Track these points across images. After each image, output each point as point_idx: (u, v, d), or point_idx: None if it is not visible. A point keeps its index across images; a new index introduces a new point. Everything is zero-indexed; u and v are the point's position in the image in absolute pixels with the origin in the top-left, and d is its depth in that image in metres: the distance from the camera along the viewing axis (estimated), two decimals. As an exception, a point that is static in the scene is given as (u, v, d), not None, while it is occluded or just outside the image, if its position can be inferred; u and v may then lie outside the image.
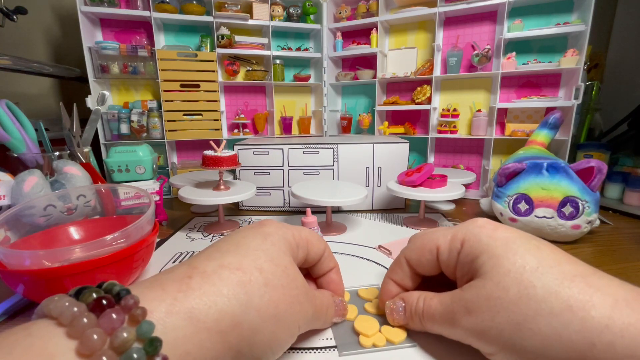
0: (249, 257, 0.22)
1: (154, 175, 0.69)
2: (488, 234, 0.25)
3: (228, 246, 0.23)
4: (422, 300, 0.27)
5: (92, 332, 0.15)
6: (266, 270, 0.22)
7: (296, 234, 0.27)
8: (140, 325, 0.16)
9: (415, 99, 0.90)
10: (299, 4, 0.95)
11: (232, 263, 0.21)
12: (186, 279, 0.20)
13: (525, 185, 0.52)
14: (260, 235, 0.25)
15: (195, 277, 0.20)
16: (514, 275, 0.22)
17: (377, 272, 0.42)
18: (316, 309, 0.26)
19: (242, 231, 0.26)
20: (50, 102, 1.01)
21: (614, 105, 0.90)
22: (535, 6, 0.78)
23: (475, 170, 0.89)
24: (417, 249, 0.29)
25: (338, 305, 0.29)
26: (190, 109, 0.87)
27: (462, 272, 0.26)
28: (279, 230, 0.26)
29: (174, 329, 0.17)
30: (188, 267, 0.21)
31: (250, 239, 0.24)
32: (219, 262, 0.21)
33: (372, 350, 0.27)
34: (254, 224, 0.27)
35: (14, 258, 0.32)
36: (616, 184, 0.73)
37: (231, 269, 0.21)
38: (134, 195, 0.47)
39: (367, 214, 0.68)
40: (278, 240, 0.25)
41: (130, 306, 0.17)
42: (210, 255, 0.22)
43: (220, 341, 0.19)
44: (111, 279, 0.34)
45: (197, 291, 0.19)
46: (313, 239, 0.28)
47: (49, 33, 0.98)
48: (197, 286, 0.19)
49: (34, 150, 0.56)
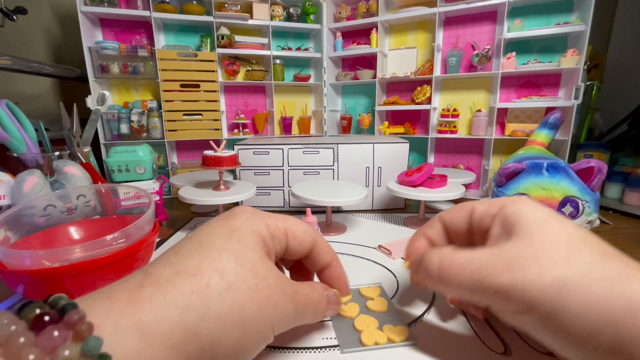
0: (209, 259, 0.20)
1: (154, 175, 0.69)
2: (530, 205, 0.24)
3: (190, 246, 0.22)
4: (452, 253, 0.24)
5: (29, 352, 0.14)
6: (228, 272, 0.20)
7: (272, 224, 0.24)
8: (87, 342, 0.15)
9: (415, 99, 0.90)
10: (299, 4, 0.95)
11: (190, 267, 0.20)
12: (137, 289, 0.18)
13: (525, 185, 0.52)
14: (226, 231, 0.22)
15: (147, 287, 0.18)
16: (562, 238, 0.21)
17: (377, 272, 0.42)
18: (298, 306, 0.23)
19: (209, 225, 0.23)
20: (50, 102, 1.01)
21: (614, 105, 0.90)
22: (535, 6, 0.78)
23: (475, 170, 0.89)
24: (452, 208, 0.29)
25: (331, 298, 0.27)
26: (190, 109, 0.87)
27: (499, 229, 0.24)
28: (249, 223, 0.23)
29: (124, 344, 0.16)
30: (143, 275, 0.19)
31: (213, 237, 0.22)
32: (176, 268, 0.20)
33: (374, 348, 0.27)
34: (224, 214, 0.24)
35: (14, 258, 0.32)
36: (616, 184, 0.73)
37: (187, 274, 0.19)
38: (134, 195, 0.47)
39: (367, 214, 0.68)
40: (246, 235, 0.22)
41: (74, 322, 0.15)
42: (169, 259, 0.21)
43: (176, 355, 0.18)
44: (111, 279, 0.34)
45: (147, 303, 0.18)
46: (295, 229, 0.25)
47: (49, 33, 0.98)
48: (147, 297, 0.18)
49: (34, 150, 0.56)
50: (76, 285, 0.32)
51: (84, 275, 0.32)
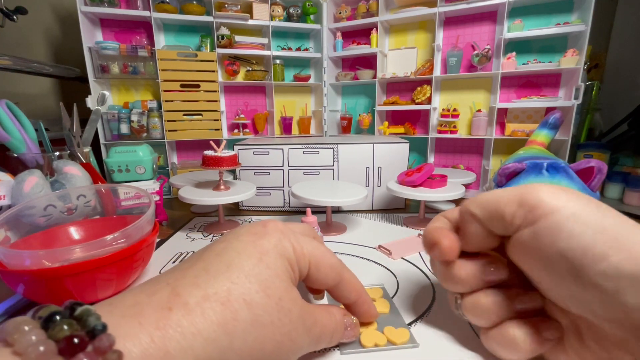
0: (238, 286, 0.20)
1: (154, 175, 0.69)
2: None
3: (219, 266, 0.21)
4: None
5: None
6: (256, 305, 0.20)
7: (297, 248, 0.23)
8: None
9: (415, 99, 0.90)
10: (299, 4, 0.95)
11: (219, 294, 0.19)
12: (166, 311, 0.18)
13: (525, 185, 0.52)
14: (256, 253, 0.22)
15: (175, 310, 0.18)
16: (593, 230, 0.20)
17: (377, 272, 0.42)
18: (314, 340, 0.23)
19: (239, 240, 0.23)
20: (50, 102, 1.01)
21: (614, 105, 0.90)
22: (535, 6, 0.78)
23: (475, 170, 0.89)
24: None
25: (348, 325, 0.27)
26: (190, 109, 0.87)
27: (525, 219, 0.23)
28: (279, 245, 0.23)
29: None
30: (171, 293, 0.19)
31: (244, 259, 0.21)
32: (204, 292, 0.19)
33: (374, 349, 0.27)
34: (256, 228, 0.24)
35: (14, 258, 0.32)
36: (616, 184, 0.73)
37: (217, 302, 0.19)
38: (134, 195, 0.47)
39: (367, 214, 0.68)
40: (275, 261, 0.22)
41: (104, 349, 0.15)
42: (197, 277, 0.20)
43: None
44: (111, 279, 0.35)
45: (175, 330, 0.17)
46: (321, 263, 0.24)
47: (49, 33, 0.98)
48: (175, 322, 0.17)
49: (34, 150, 0.56)
50: (76, 285, 0.32)
51: (84, 275, 0.32)
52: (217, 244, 0.23)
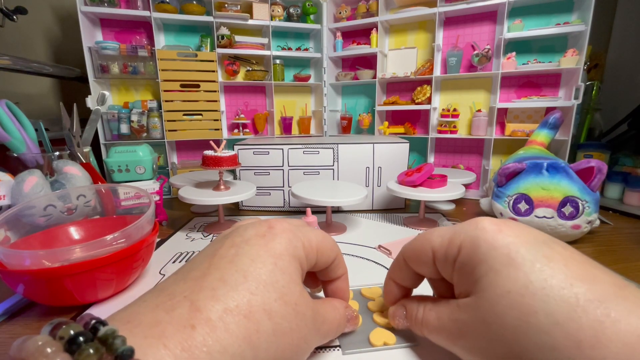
0: (258, 297, 0.19)
1: (154, 175, 0.69)
2: (489, 241, 0.21)
3: (235, 276, 0.20)
4: (421, 311, 0.26)
5: None
6: (275, 313, 0.20)
7: (307, 244, 0.24)
8: None
9: (415, 99, 0.90)
10: (299, 4, 0.95)
11: (240, 306, 0.19)
12: (189, 330, 0.17)
13: (525, 185, 0.52)
14: (270, 258, 0.21)
15: (199, 328, 0.17)
16: (513, 297, 0.19)
17: (378, 272, 0.42)
18: (323, 336, 0.24)
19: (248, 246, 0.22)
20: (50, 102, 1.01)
21: (614, 105, 0.90)
22: (535, 6, 0.78)
23: (475, 170, 0.89)
24: (413, 250, 0.27)
25: (349, 317, 0.28)
26: (190, 109, 0.87)
27: (460, 281, 0.23)
28: (290, 246, 0.23)
29: None
30: (190, 309, 0.18)
31: (259, 266, 0.21)
32: (225, 305, 0.18)
33: (377, 349, 0.27)
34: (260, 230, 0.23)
35: (14, 258, 0.32)
36: (616, 184, 0.73)
37: (239, 315, 0.18)
38: (134, 195, 0.47)
39: (367, 214, 0.68)
40: (289, 264, 0.22)
41: None
42: (216, 290, 0.19)
43: None
44: (111, 279, 0.34)
45: (200, 350, 0.17)
46: (325, 246, 0.25)
47: (49, 33, 0.98)
48: (201, 342, 0.17)
49: (34, 150, 0.56)
50: (76, 285, 0.32)
51: (84, 275, 0.32)
52: (225, 248, 0.22)
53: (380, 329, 0.29)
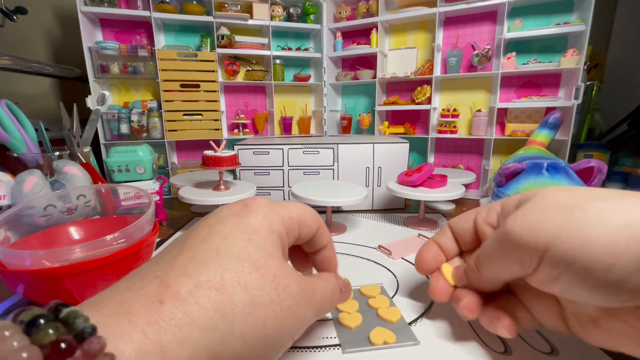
0: (230, 271, 0.19)
1: (154, 175, 0.69)
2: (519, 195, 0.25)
3: (208, 253, 0.20)
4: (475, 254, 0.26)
5: None
6: (251, 285, 0.19)
7: (286, 216, 0.23)
8: None
9: (415, 99, 0.90)
10: (299, 4, 0.95)
11: (211, 280, 0.18)
12: (157, 305, 0.17)
13: (525, 185, 0.52)
14: (244, 234, 0.21)
15: (167, 302, 0.17)
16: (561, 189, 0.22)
17: (377, 272, 0.42)
18: (318, 308, 0.23)
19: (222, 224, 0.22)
20: (50, 102, 1.01)
21: (614, 105, 0.90)
22: (535, 6, 0.78)
23: (475, 170, 0.89)
24: (460, 215, 0.30)
25: (342, 288, 0.27)
26: (190, 109, 0.87)
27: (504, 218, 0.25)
28: (265, 220, 0.22)
29: None
30: (160, 286, 0.18)
31: (232, 242, 0.20)
32: (196, 280, 0.18)
33: (376, 347, 0.27)
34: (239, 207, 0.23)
35: (14, 258, 0.32)
36: (616, 184, 0.73)
37: (210, 289, 0.18)
38: (134, 195, 0.47)
39: (367, 214, 0.68)
40: (265, 238, 0.21)
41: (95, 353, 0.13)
42: (187, 267, 0.19)
43: None
44: (111, 279, 0.34)
45: (168, 323, 0.16)
46: (306, 217, 0.25)
47: (49, 33, 0.98)
48: (168, 315, 0.17)
49: (34, 150, 0.56)
50: (76, 285, 0.32)
51: (84, 275, 0.32)
52: (199, 229, 0.22)
53: (380, 328, 0.29)
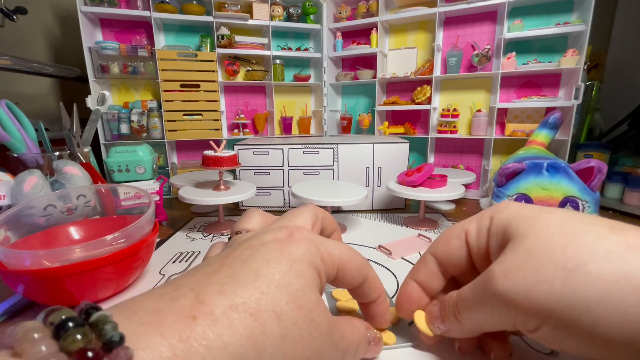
0: (268, 297, 0.18)
1: (154, 175, 0.69)
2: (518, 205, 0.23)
3: (246, 274, 0.19)
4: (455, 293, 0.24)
5: None
6: (286, 317, 0.18)
7: (326, 256, 0.22)
8: None
9: (415, 99, 0.90)
10: (299, 4, 0.95)
11: (247, 303, 0.18)
12: (189, 320, 0.16)
13: (525, 185, 0.52)
14: (285, 260, 0.20)
15: (200, 319, 0.16)
16: (554, 227, 0.20)
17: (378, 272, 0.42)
18: (340, 355, 0.22)
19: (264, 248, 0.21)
20: (50, 102, 1.01)
21: (614, 105, 0.90)
22: (535, 6, 0.78)
23: (475, 170, 0.89)
24: (442, 238, 0.26)
25: (371, 340, 0.25)
26: (190, 109, 0.87)
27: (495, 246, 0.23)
28: (308, 253, 0.21)
29: None
30: (194, 300, 0.17)
31: (273, 266, 0.20)
32: (231, 301, 0.18)
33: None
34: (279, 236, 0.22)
35: (14, 258, 0.32)
36: (616, 184, 0.73)
37: (245, 312, 0.17)
38: (134, 195, 0.47)
39: (367, 214, 0.68)
40: (305, 270, 0.20)
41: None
42: (224, 285, 0.18)
43: None
44: (111, 279, 0.34)
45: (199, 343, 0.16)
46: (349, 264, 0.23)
47: (49, 33, 0.98)
48: (200, 334, 0.16)
49: (34, 150, 0.56)
50: (76, 285, 0.32)
51: (84, 275, 0.32)
52: (241, 249, 0.21)
53: None
